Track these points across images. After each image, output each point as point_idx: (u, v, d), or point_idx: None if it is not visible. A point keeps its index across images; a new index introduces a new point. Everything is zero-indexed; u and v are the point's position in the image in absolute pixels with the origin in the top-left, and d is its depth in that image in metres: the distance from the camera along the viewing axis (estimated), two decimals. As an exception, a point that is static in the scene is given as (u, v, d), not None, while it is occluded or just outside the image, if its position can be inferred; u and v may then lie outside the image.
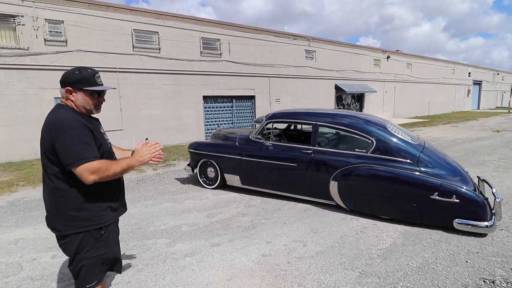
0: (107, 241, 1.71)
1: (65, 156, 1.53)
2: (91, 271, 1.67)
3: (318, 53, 16.92)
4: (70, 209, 1.61)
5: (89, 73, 1.68)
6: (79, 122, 1.60)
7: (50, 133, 1.57)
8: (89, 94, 1.68)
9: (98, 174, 1.55)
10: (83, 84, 1.64)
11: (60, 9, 9.01)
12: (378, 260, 2.78)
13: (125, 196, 1.93)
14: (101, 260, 1.70)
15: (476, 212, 3.18)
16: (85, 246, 1.63)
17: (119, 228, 1.90)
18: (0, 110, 8.28)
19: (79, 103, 1.67)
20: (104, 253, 1.70)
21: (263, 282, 2.49)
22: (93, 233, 1.65)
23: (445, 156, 3.97)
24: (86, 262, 1.64)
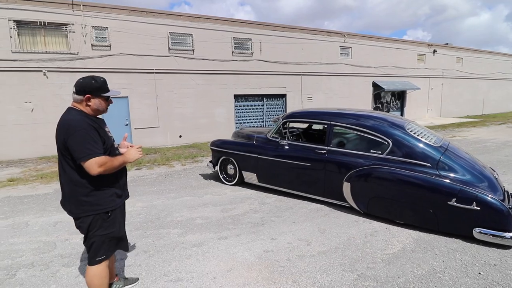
0: (113, 222, 2.06)
1: (76, 152, 1.85)
2: (100, 246, 2.02)
3: (354, 49, 16.30)
4: (81, 195, 1.95)
5: (102, 81, 2.03)
6: (87, 123, 1.91)
7: (63, 132, 1.89)
8: (104, 99, 2.02)
9: (104, 167, 1.88)
10: (100, 92, 1.98)
11: (105, 16, 9.88)
12: (381, 265, 2.71)
13: (152, 188, 2.19)
14: (108, 238, 2.05)
15: (499, 222, 2.92)
16: (95, 226, 1.99)
17: (125, 211, 2.28)
18: (53, 109, 9.36)
19: (95, 107, 2.00)
20: (111, 231, 2.05)
21: (259, 276, 2.58)
22: (101, 216, 2.00)
23: (473, 161, 3.67)
24: (96, 239, 2.00)
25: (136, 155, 2.12)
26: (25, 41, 8.97)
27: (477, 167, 3.52)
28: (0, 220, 4.06)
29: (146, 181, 6.04)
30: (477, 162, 3.68)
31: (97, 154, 1.86)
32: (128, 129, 10.86)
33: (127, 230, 3.52)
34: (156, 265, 2.80)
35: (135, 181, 6.04)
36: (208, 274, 2.63)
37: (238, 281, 2.52)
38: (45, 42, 9.24)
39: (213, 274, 2.63)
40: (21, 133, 9.15)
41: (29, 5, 8.84)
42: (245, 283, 2.49)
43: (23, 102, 9.06)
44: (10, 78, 8.78)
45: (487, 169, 3.62)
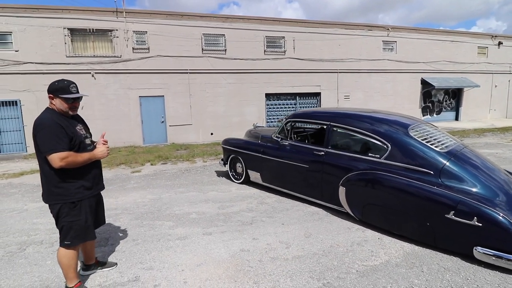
0: (79, 212, 2.27)
1: (41, 146, 2.12)
2: (68, 232, 2.26)
3: (399, 43, 15.13)
4: (51, 186, 2.21)
5: (65, 84, 2.24)
6: (53, 121, 2.15)
7: (33, 129, 2.18)
8: (65, 100, 2.21)
9: (65, 161, 2.11)
10: (59, 93, 2.20)
11: (144, 21, 10.70)
12: (353, 276, 2.54)
13: (167, 182, 2.39)
14: (75, 225, 2.26)
15: (505, 242, 2.51)
16: (63, 213, 2.23)
17: (100, 202, 2.56)
18: (99, 107, 10.46)
19: (58, 107, 2.23)
20: (77, 220, 2.27)
21: (224, 273, 2.62)
22: (68, 205, 2.23)
23: (490, 171, 3.19)
24: (64, 224, 2.25)
25: (104, 152, 2.35)
26: (77, 46, 10.17)
27: (493, 178, 3.06)
28: (33, 203, 4.72)
29: (165, 175, 6.44)
30: (496, 173, 3.19)
31: (60, 149, 2.09)
32: (164, 126, 11.63)
33: (130, 219, 3.91)
34: (137, 253, 3.01)
35: (156, 175, 6.48)
36: (178, 266, 2.75)
37: (203, 276, 2.59)
38: (94, 46, 10.36)
39: (183, 267, 2.73)
40: (74, 127, 10.41)
41: (81, 14, 10.00)
42: (207, 278, 2.55)
43: (75, 100, 10.28)
44: (65, 80, 10.03)
45: (509, 182, 3.11)
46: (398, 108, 15.60)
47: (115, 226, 3.71)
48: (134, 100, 10.99)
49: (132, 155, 8.97)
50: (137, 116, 11.12)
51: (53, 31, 9.77)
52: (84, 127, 2.41)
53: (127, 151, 9.97)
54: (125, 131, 11.01)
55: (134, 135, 11.15)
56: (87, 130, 2.44)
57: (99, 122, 10.69)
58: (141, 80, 10.96)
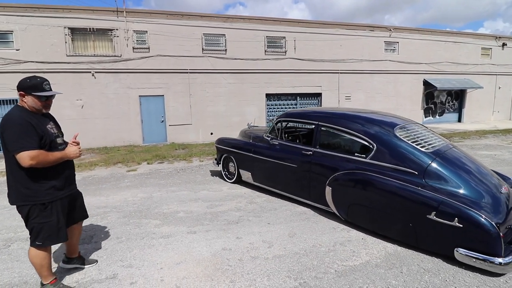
0: (50, 212, 2.21)
1: (10, 145, 2.05)
2: (39, 232, 2.20)
3: (401, 44, 15.01)
4: (20, 186, 2.14)
5: (38, 81, 2.17)
6: (23, 119, 2.08)
7: (1, 126, 2.09)
8: (37, 97, 2.15)
9: (35, 160, 2.04)
10: (32, 90, 2.13)
11: (145, 21, 10.77)
12: (330, 276, 2.52)
13: (161, 181, 2.39)
14: (46, 226, 2.20)
15: (486, 244, 2.47)
16: (32, 214, 2.17)
17: (74, 203, 2.48)
18: (100, 106, 10.55)
19: (30, 104, 2.16)
20: (48, 221, 2.20)
21: (202, 272, 2.62)
22: (38, 206, 2.17)
23: (477, 172, 3.14)
24: (34, 225, 2.19)
25: (75, 152, 2.28)
26: (77, 45, 10.28)
27: (479, 179, 3.01)
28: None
29: (160, 174, 6.47)
30: (483, 175, 3.14)
31: (29, 148, 2.01)
32: (164, 125, 11.69)
33: (118, 217, 3.93)
34: (119, 251, 3.03)
35: (151, 174, 6.51)
36: (158, 264, 2.75)
37: (180, 274, 2.59)
38: (94, 46, 10.46)
39: (162, 265, 2.74)
40: (73, 126, 10.49)
41: (81, 13, 10.11)
42: (185, 276, 2.56)
43: (75, 99, 10.41)
44: (65, 78, 10.17)
45: (497, 185, 3.06)
46: (400, 109, 15.47)
47: (101, 224, 3.73)
48: (134, 99, 11.07)
49: (130, 154, 9.03)
50: (137, 115, 11.19)
51: (53, 30, 9.90)
52: (55, 126, 2.33)
53: (126, 150, 10.04)
54: (125, 130, 11.09)
55: (134, 134, 11.22)
56: (59, 129, 2.36)
57: (99, 121, 10.80)
58: (141, 80, 11.03)
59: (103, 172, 6.87)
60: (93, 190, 5.32)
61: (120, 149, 10.27)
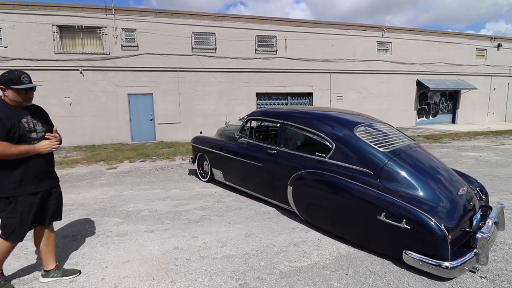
0: (14, 209, 2.15)
1: None
2: (4, 225, 2.17)
3: (394, 44, 14.93)
4: None
5: (16, 75, 2.15)
6: None
7: None
8: (17, 91, 2.14)
9: None
10: (11, 84, 2.12)
11: (133, 19, 10.75)
12: (274, 277, 2.48)
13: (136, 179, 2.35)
14: (10, 222, 2.15)
15: (432, 246, 2.42)
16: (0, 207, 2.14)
17: (53, 198, 2.40)
18: (88, 104, 10.54)
19: (11, 98, 2.15)
20: (12, 217, 2.15)
21: (146, 271, 2.58)
22: (2, 200, 2.13)
23: (439, 173, 3.08)
24: (2, 218, 2.16)
25: (46, 146, 2.21)
26: (65, 43, 10.27)
27: (438, 181, 2.95)
28: None
29: (138, 172, 6.44)
30: (444, 176, 3.08)
31: None
32: (152, 124, 11.67)
33: (80, 215, 3.91)
34: (70, 249, 3.00)
35: (130, 172, 6.48)
36: (104, 263, 2.72)
37: (123, 273, 2.56)
38: (83, 43, 10.45)
39: (107, 264, 2.71)
40: (61, 124, 10.45)
41: (70, 11, 10.10)
42: (126, 275, 2.52)
43: (63, 97, 10.40)
44: (52, 76, 10.16)
45: (455, 186, 3.00)
46: (392, 110, 15.40)
47: (62, 222, 3.69)
48: (123, 97, 11.06)
49: (115, 152, 9.01)
50: (126, 113, 11.18)
51: (42, 27, 9.89)
52: (36, 120, 2.26)
53: (113, 148, 10.02)
54: (113, 128, 11.08)
55: (122, 132, 11.21)
56: (40, 124, 2.27)
57: (87, 119, 10.79)
58: (130, 78, 11.01)
59: (83, 170, 6.85)
60: (66, 187, 5.29)
61: (107, 147, 10.25)
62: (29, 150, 2.13)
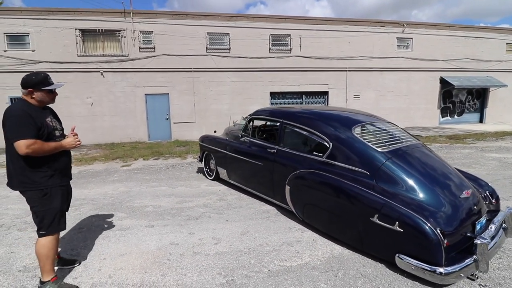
0: (50, 200, 2.29)
1: (9, 133, 2.16)
2: (41, 220, 2.28)
3: (415, 40, 14.35)
4: (19, 173, 2.24)
5: (43, 76, 2.29)
6: (23, 111, 2.19)
7: (3, 117, 2.21)
8: (47, 92, 2.29)
9: (31, 148, 2.13)
10: (41, 86, 2.25)
11: (150, 21, 11.09)
12: (261, 275, 2.49)
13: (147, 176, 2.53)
14: (47, 213, 2.27)
15: (426, 251, 2.33)
16: (33, 201, 2.26)
17: (69, 192, 2.55)
18: (108, 104, 11.01)
19: (39, 99, 2.27)
20: (48, 208, 2.27)
21: (140, 264, 2.68)
22: (37, 193, 2.25)
23: (442, 175, 2.95)
24: (37, 214, 2.27)
25: (71, 143, 2.35)
26: (87, 46, 10.79)
27: (439, 184, 2.81)
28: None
29: (150, 170, 6.66)
30: (447, 179, 2.94)
31: (26, 137, 2.11)
32: (168, 123, 11.99)
33: (89, 209, 4.11)
34: (74, 241, 3.17)
35: (142, 169, 6.72)
36: (102, 255, 2.86)
37: (119, 265, 2.68)
38: (103, 46, 10.93)
39: (106, 256, 2.84)
40: (83, 123, 11.06)
41: (91, 15, 10.59)
42: (121, 268, 2.64)
43: (85, 97, 10.93)
44: (75, 77, 10.71)
45: (458, 189, 2.85)
46: (413, 109, 14.82)
47: (72, 215, 3.91)
48: (140, 97, 11.45)
49: (132, 150, 9.36)
50: (143, 113, 11.56)
51: (66, 32, 10.45)
52: (55, 119, 2.43)
53: (130, 146, 10.41)
54: (132, 127, 11.50)
55: (140, 131, 11.61)
56: (58, 123, 2.45)
57: (107, 118, 11.28)
58: (147, 78, 11.38)
59: (99, 166, 7.18)
60: (81, 183, 5.59)
61: (125, 145, 10.66)
62: (57, 147, 2.28)
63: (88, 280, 2.48)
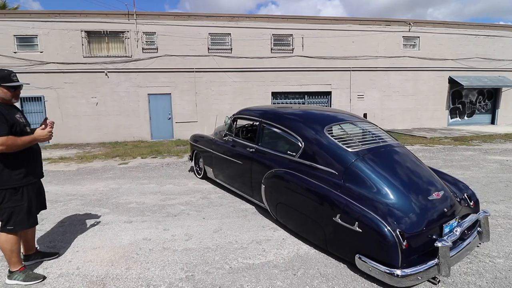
0: (21, 197, 2.35)
1: None
2: (10, 217, 2.31)
3: (422, 39, 14.03)
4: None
5: (6, 73, 2.33)
6: None
7: None
8: (7, 88, 2.30)
9: (4, 145, 2.17)
10: (2, 81, 2.26)
11: (153, 23, 11.30)
12: (221, 272, 2.54)
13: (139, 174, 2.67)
14: (17, 210, 2.32)
15: (383, 251, 2.31)
16: (4, 199, 2.29)
17: (41, 189, 2.63)
18: (112, 103, 11.30)
19: (1, 95, 2.30)
20: (19, 205, 2.33)
21: (109, 257, 2.78)
22: (9, 191, 2.30)
23: (415, 176, 2.91)
24: (6, 209, 2.30)
25: (43, 135, 2.35)
26: (93, 47, 11.11)
27: (404, 184, 2.77)
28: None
29: (145, 168, 6.81)
30: (416, 179, 2.89)
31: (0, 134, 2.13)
32: (170, 122, 12.18)
33: (77, 204, 4.25)
34: (54, 234, 3.31)
35: (137, 167, 6.88)
36: (76, 248, 2.98)
37: (89, 258, 2.78)
38: (108, 47, 11.22)
39: (79, 249, 2.96)
40: (89, 122, 11.40)
41: (96, 17, 10.89)
42: (91, 260, 2.74)
43: (90, 97, 11.26)
44: (81, 78, 11.05)
45: (428, 190, 2.80)
46: (420, 109, 14.50)
47: (58, 209, 4.08)
48: (143, 97, 11.69)
49: (133, 149, 9.57)
50: (146, 112, 11.80)
51: (72, 33, 10.80)
52: (23, 116, 2.46)
53: (132, 145, 10.65)
54: (135, 127, 11.76)
55: (143, 130, 11.85)
56: (26, 120, 2.49)
57: (111, 117, 11.57)
58: (150, 79, 11.61)
59: (98, 164, 7.39)
60: (77, 179, 5.79)
61: (128, 144, 10.92)
62: (31, 140, 2.31)
63: (57, 271, 2.59)
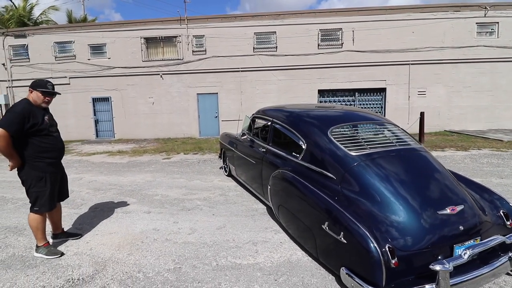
0: (44, 184, 2.76)
1: (1, 120, 2.69)
2: (36, 200, 2.75)
3: (502, 24, 11.94)
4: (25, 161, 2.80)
5: (43, 81, 2.85)
6: (22, 107, 2.69)
7: None
8: (41, 93, 2.76)
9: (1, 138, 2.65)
10: (37, 87, 2.80)
11: (202, 26, 11.95)
12: (207, 268, 2.60)
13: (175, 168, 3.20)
14: (41, 195, 2.74)
15: (365, 267, 2.08)
16: (30, 184, 2.72)
17: (64, 179, 3.06)
18: (166, 103, 12.34)
19: (34, 98, 2.79)
20: (43, 190, 2.75)
21: (119, 242, 3.09)
22: (35, 178, 2.72)
23: (423, 185, 2.55)
24: (32, 193, 2.75)
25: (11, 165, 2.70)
26: (150, 52, 12.27)
27: (412, 194, 2.43)
28: (74, 174, 6.25)
29: (183, 163, 7.30)
30: (429, 189, 2.52)
31: (6, 127, 2.51)
32: (217, 120, 12.76)
33: (113, 193, 4.84)
34: (85, 217, 3.81)
35: (177, 163, 7.41)
36: (97, 231, 3.38)
37: (104, 241, 3.14)
38: (163, 52, 12.28)
39: (99, 232, 3.36)
40: (146, 120, 12.67)
41: (153, 25, 12.00)
42: (103, 243, 3.09)
43: (148, 97, 12.48)
44: (140, 80, 12.32)
45: (441, 203, 2.41)
46: (499, 108, 12.36)
47: (98, 196, 4.67)
48: (193, 97, 12.48)
49: (180, 145, 10.33)
50: (195, 111, 12.58)
51: (133, 41, 12.11)
52: (51, 118, 2.87)
53: (181, 141, 11.48)
54: (185, 124, 12.65)
55: (192, 128, 12.67)
56: (53, 122, 2.91)
57: (165, 116, 12.65)
58: (198, 79, 12.33)
59: (146, 158, 8.19)
60: (123, 171, 6.52)
61: (177, 140, 11.82)
62: (10, 159, 2.66)
63: (75, 249, 2.99)
